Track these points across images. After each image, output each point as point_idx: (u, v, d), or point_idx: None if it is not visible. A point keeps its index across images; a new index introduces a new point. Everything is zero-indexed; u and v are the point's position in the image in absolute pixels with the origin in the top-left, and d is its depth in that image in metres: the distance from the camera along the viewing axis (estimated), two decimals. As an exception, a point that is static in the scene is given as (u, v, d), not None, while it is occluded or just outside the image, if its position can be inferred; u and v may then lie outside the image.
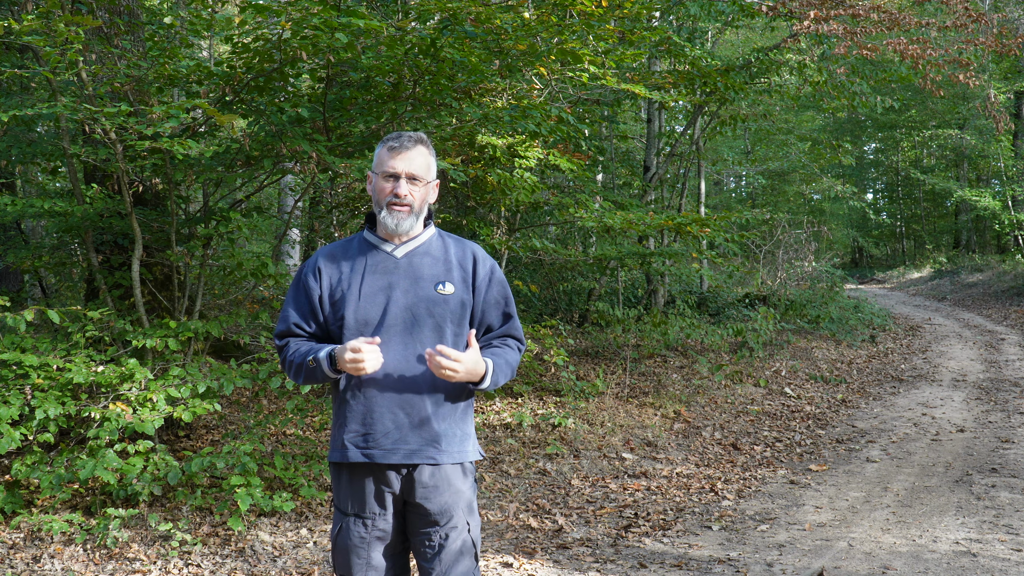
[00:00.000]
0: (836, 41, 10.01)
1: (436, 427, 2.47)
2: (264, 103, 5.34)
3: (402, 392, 2.46)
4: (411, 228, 2.55)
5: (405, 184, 2.50)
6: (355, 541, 2.51)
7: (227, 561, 4.28)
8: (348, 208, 8.43)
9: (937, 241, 30.87)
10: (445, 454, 2.48)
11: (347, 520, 2.53)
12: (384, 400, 2.46)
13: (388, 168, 2.51)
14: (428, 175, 2.55)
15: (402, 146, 2.51)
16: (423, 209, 2.57)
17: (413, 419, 2.46)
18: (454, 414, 2.52)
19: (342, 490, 2.55)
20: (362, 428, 2.48)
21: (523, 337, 2.68)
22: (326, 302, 2.54)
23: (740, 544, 4.66)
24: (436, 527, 2.50)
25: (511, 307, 2.64)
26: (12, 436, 4.16)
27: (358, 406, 2.48)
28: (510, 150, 6.98)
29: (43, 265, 6.02)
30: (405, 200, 2.50)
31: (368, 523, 2.51)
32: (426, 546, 2.51)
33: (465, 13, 4.96)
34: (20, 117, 4.76)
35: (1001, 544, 4.57)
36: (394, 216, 2.51)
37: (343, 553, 2.53)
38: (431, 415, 2.47)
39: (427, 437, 2.47)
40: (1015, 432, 7.21)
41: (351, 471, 2.52)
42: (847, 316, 13.67)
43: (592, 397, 7.72)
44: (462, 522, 2.51)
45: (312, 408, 5.63)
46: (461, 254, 2.60)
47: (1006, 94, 20.47)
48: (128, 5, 5.73)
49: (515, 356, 2.63)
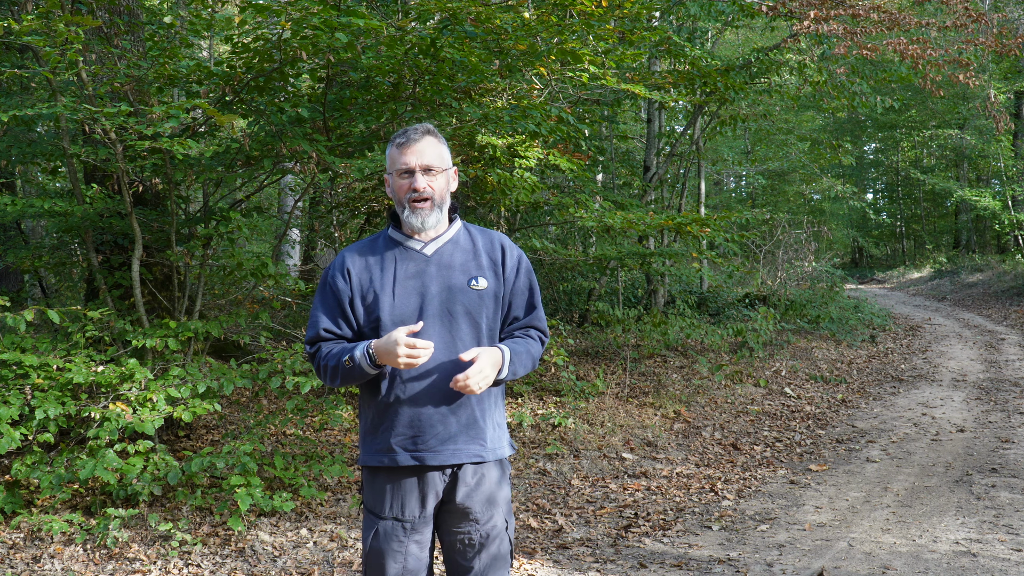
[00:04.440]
0: (836, 41, 10.01)
1: (481, 424, 2.46)
2: (264, 103, 5.34)
3: (446, 391, 2.42)
4: (437, 223, 2.49)
5: (421, 177, 2.45)
6: (393, 545, 2.45)
7: (227, 561, 4.28)
8: (348, 208, 8.43)
9: (937, 241, 30.88)
10: (489, 451, 2.48)
11: (384, 523, 2.46)
12: (431, 401, 2.42)
13: (401, 165, 2.45)
14: (443, 163, 2.49)
15: (409, 140, 2.46)
16: (445, 199, 2.51)
17: (460, 418, 2.43)
18: (494, 409, 2.51)
19: (378, 493, 2.47)
20: (410, 431, 2.42)
21: (547, 329, 2.63)
22: (358, 304, 2.47)
23: (740, 544, 4.66)
24: (476, 524, 2.47)
25: (536, 298, 2.59)
26: (12, 436, 4.16)
27: (405, 408, 2.42)
28: (510, 150, 6.98)
29: (43, 265, 6.02)
30: (424, 193, 2.45)
31: (407, 526, 2.45)
32: (465, 544, 2.48)
33: (465, 13, 4.96)
34: (20, 117, 4.75)
35: (1001, 544, 4.57)
36: (418, 215, 2.45)
37: (378, 556, 2.46)
38: (476, 412, 2.45)
39: (472, 435, 2.45)
40: (1015, 432, 7.21)
41: (390, 474, 2.45)
42: (847, 316, 13.67)
43: (592, 397, 7.72)
44: (501, 520, 2.51)
45: (312, 408, 5.63)
46: (489, 245, 2.55)
47: (1006, 94, 20.47)
48: (128, 5, 5.73)
49: (537, 347, 2.56)
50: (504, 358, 2.42)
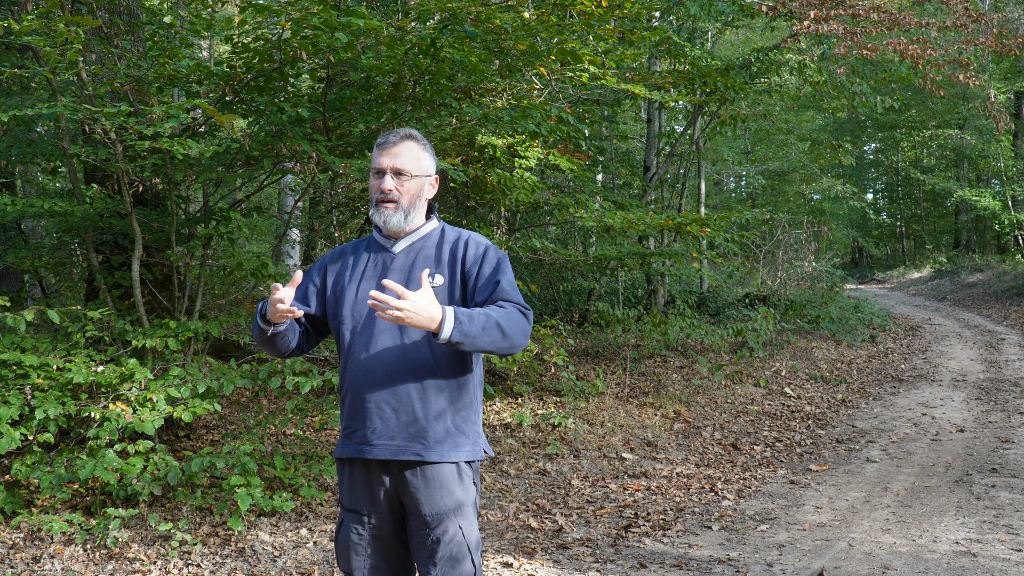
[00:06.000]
0: (836, 41, 10.01)
1: (424, 424, 2.43)
2: (264, 103, 5.34)
3: (390, 387, 2.43)
4: (401, 224, 2.52)
5: (390, 179, 2.48)
6: (353, 537, 2.52)
7: (227, 561, 4.28)
8: (348, 208, 8.43)
9: (937, 241, 30.88)
10: (433, 452, 2.43)
11: (346, 516, 2.55)
12: (373, 396, 2.44)
13: (375, 165, 2.52)
14: (417, 169, 2.51)
15: (387, 142, 2.51)
16: (415, 205, 2.52)
17: (401, 415, 2.43)
18: (447, 412, 2.46)
19: (342, 484, 2.57)
20: (353, 423, 2.48)
21: (522, 302, 2.45)
22: (329, 298, 2.58)
23: (740, 544, 4.66)
24: (427, 529, 2.46)
25: (502, 281, 2.45)
26: (12, 436, 4.16)
27: (350, 401, 2.49)
28: (510, 150, 6.99)
29: (43, 265, 6.02)
30: (390, 195, 2.48)
31: (364, 519, 2.51)
32: (421, 548, 2.48)
33: (465, 13, 4.96)
34: (20, 117, 4.75)
35: (1001, 544, 4.57)
36: (381, 212, 2.51)
37: (343, 549, 2.55)
38: (419, 411, 2.43)
39: (413, 433, 2.43)
40: (1015, 432, 7.21)
41: (351, 466, 2.53)
42: (847, 316, 13.67)
43: (592, 397, 7.73)
44: (454, 526, 2.45)
45: (312, 408, 5.63)
46: (455, 243, 2.54)
47: (1006, 94, 20.48)
48: (128, 5, 5.73)
49: (512, 315, 2.38)
50: (444, 315, 2.27)
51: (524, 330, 2.41)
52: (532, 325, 2.47)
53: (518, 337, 2.38)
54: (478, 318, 2.32)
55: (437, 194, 2.70)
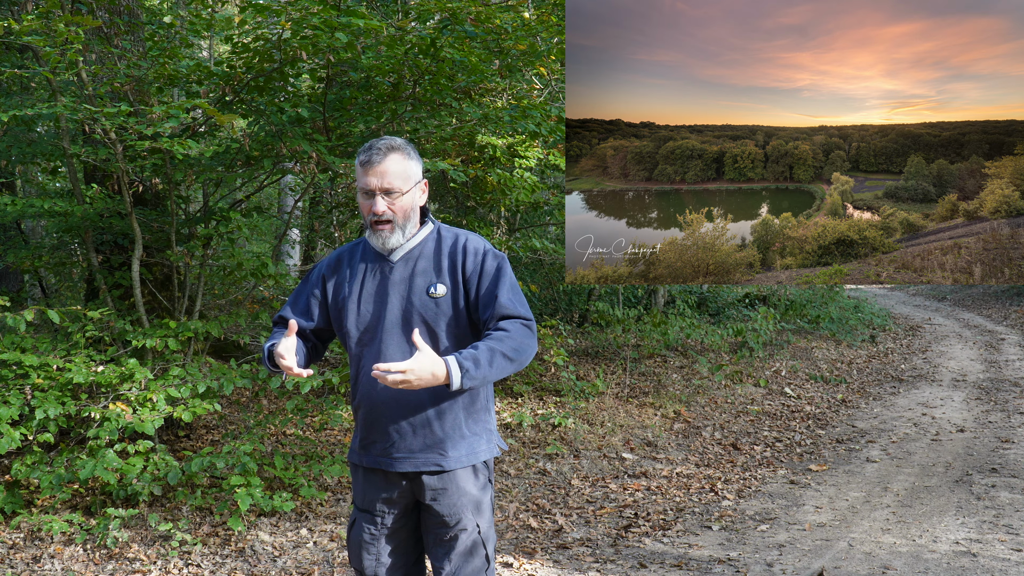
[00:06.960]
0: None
1: (439, 432, 2.45)
2: (264, 103, 5.34)
3: (401, 399, 2.44)
4: (399, 241, 2.48)
5: (381, 201, 2.42)
6: (365, 537, 2.56)
7: (227, 561, 4.28)
8: (348, 208, 8.43)
9: (937, 241, 30.85)
10: (450, 459, 2.46)
11: (359, 515, 2.58)
12: (386, 409, 2.45)
13: (362, 185, 2.44)
14: (406, 184, 2.44)
15: (371, 160, 2.41)
16: (410, 217, 2.49)
17: (415, 426, 2.45)
18: (460, 416, 2.48)
19: (355, 485, 2.60)
20: (370, 436, 2.50)
21: (525, 314, 2.43)
22: (332, 308, 2.58)
23: (740, 544, 4.66)
24: (445, 528, 2.50)
25: (502, 287, 2.43)
26: (12, 436, 4.16)
27: (364, 414, 2.51)
28: (510, 150, 6.98)
29: (43, 265, 6.02)
30: (384, 216, 2.43)
31: (377, 520, 2.55)
32: (437, 546, 2.53)
33: (465, 13, 4.96)
34: (20, 117, 4.76)
35: (1001, 544, 4.57)
36: (378, 236, 2.47)
37: (355, 547, 2.59)
38: (433, 420, 2.44)
39: (429, 443, 2.45)
40: (1015, 432, 7.21)
41: (366, 472, 2.56)
42: (847, 316, 13.67)
43: (592, 397, 7.73)
44: (471, 524, 2.51)
45: (312, 408, 5.63)
46: (452, 248, 2.50)
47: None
48: (128, 5, 5.73)
49: (516, 339, 2.36)
50: (450, 368, 2.27)
51: (530, 344, 2.41)
52: (536, 334, 2.47)
53: (526, 354, 2.39)
54: (483, 357, 2.30)
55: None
